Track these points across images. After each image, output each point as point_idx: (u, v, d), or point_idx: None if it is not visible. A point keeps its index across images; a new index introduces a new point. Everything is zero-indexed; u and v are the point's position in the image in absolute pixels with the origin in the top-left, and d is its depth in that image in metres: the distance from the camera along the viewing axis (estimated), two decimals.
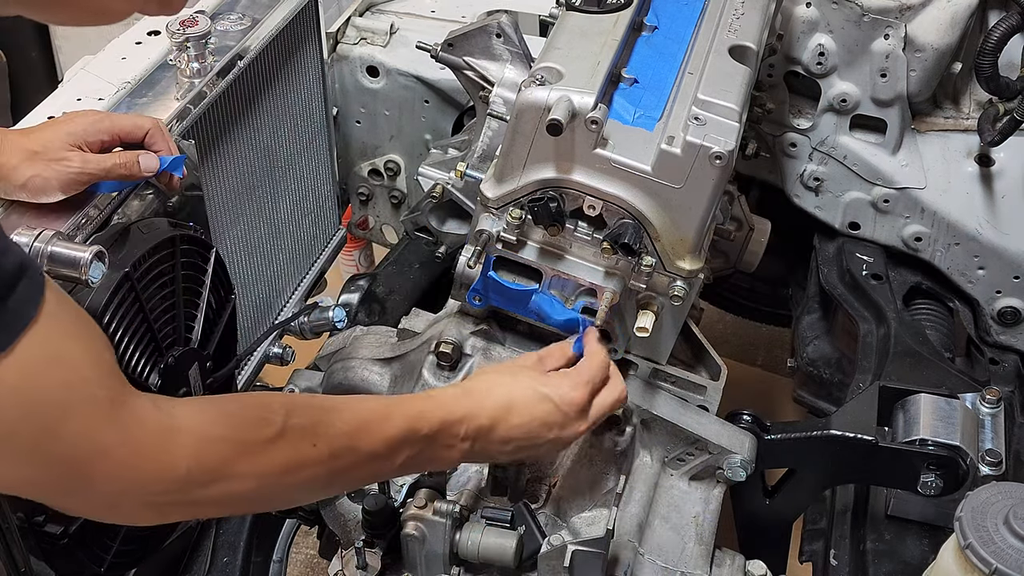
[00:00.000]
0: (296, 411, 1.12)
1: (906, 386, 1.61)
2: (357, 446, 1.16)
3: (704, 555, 1.50)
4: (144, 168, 1.39)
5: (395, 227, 2.38)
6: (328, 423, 1.14)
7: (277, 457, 1.08)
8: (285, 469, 1.09)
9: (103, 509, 1.03)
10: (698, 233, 1.38)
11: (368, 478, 1.27)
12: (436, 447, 1.24)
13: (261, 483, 1.07)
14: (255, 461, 1.06)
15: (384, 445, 1.18)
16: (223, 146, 1.70)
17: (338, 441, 1.14)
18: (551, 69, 1.37)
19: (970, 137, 1.94)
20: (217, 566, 1.55)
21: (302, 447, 1.10)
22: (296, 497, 1.21)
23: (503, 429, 1.30)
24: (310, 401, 1.28)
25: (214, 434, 1.04)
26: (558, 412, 1.32)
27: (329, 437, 1.13)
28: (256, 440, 1.07)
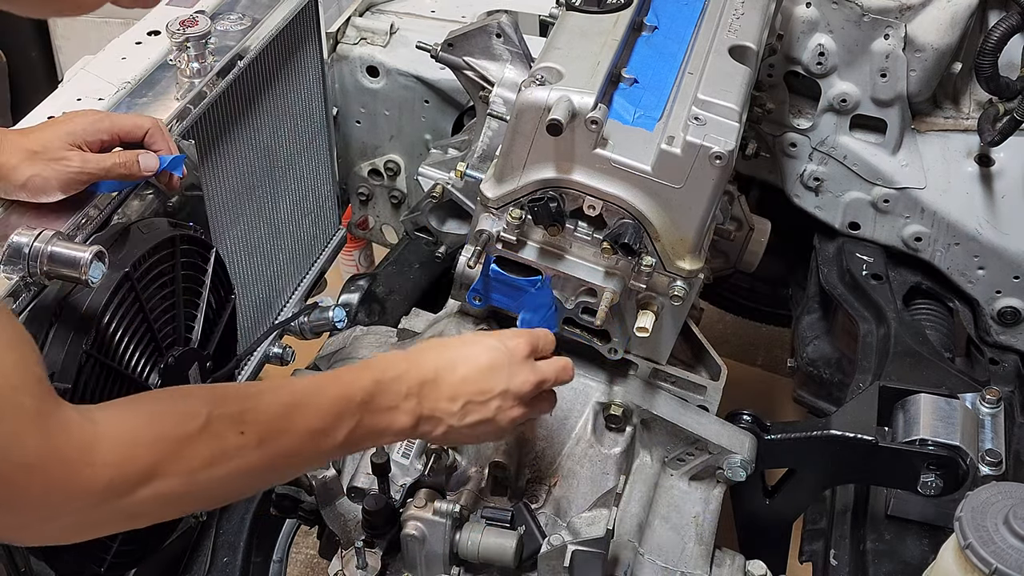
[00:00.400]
0: (221, 401, 1.10)
1: (906, 386, 1.61)
2: (290, 427, 1.14)
3: (704, 555, 1.50)
4: (144, 168, 1.39)
5: (395, 227, 2.38)
6: (255, 409, 1.12)
7: (202, 451, 1.05)
8: (212, 461, 1.06)
9: (36, 525, 0.99)
10: (698, 233, 1.38)
11: (312, 458, 1.22)
12: (379, 412, 1.22)
13: (190, 480, 1.05)
14: (180, 458, 1.04)
15: (319, 420, 1.16)
16: (223, 146, 1.70)
17: (268, 425, 1.12)
18: (551, 69, 1.37)
19: (970, 137, 1.94)
20: (217, 566, 1.55)
21: (228, 437, 1.08)
22: (235, 488, 1.16)
23: (449, 383, 1.27)
24: (237, 389, 1.23)
25: (134, 438, 1.02)
26: (504, 352, 1.29)
27: (258, 423, 1.11)
28: (178, 437, 1.04)
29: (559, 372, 1.35)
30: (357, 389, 1.20)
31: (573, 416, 1.52)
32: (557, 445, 1.51)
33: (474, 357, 1.29)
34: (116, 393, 1.39)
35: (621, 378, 1.55)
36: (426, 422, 1.26)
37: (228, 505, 1.60)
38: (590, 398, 1.52)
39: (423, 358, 1.28)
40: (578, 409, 1.52)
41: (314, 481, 1.42)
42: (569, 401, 1.52)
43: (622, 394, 1.53)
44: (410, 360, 1.27)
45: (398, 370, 1.25)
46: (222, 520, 1.58)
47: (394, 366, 1.25)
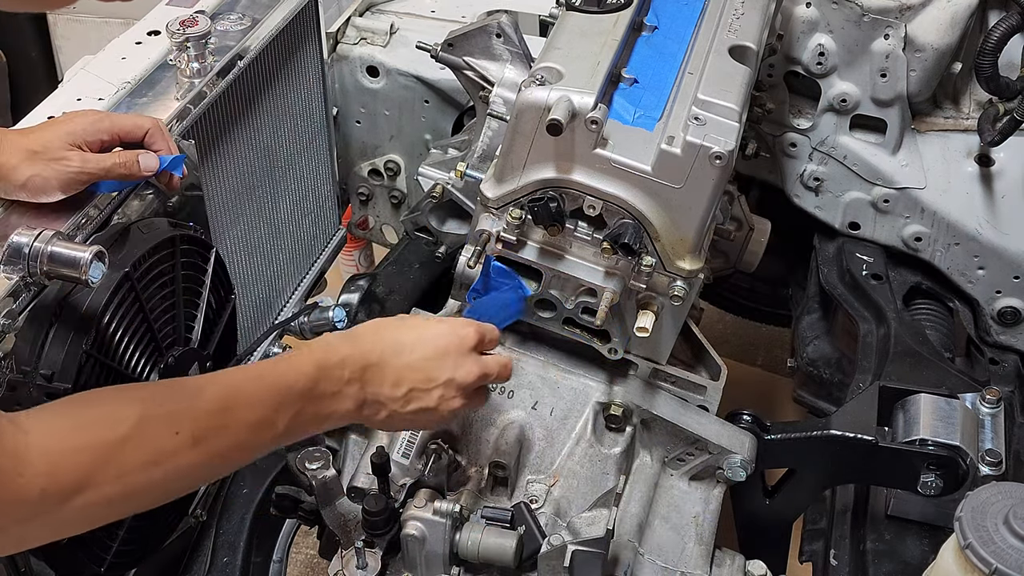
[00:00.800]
0: (152, 400, 1.08)
1: (906, 386, 1.61)
2: (228, 423, 1.12)
3: (704, 555, 1.50)
4: (144, 167, 1.39)
5: (395, 227, 2.38)
6: (189, 407, 1.10)
7: (135, 455, 1.03)
8: (147, 465, 1.04)
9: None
10: (698, 233, 1.38)
11: (255, 450, 1.20)
12: (321, 399, 1.20)
13: (125, 485, 1.03)
14: (112, 464, 1.02)
15: (259, 412, 1.14)
16: (223, 146, 1.70)
17: (203, 422, 1.09)
18: (551, 69, 1.37)
19: (970, 137, 1.94)
20: (217, 566, 1.54)
21: (162, 438, 1.06)
22: (176, 488, 1.14)
23: (394, 368, 1.25)
24: (170, 386, 1.20)
25: (65, 445, 1.00)
26: (453, 341, 1.29)
27: (192, 420, 1.09)
28: (108, 442, 1.02)
29: (501, 369, 1.36)
30: (298, 376, 1.18)
31: (573, 416, 1.52)
32: (557, 445, 1.51)
33: (421, 343, 1.28)
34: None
35: (621, 378, 1.55)
36: (368, 406, 1.25)
37: (228, 505, 1.60)
38: (590, 398, 1.52)
39: (368, 341, 1.26)
40: (578, 409, 1.52)
41: (314, 481, 1.42)
42: (569, 401, 1.52)
43: (622, 394, 1.53)
44: (354, 343, 1.25)
45: (341, 354, 1.23)
46: (222, 520, 1.59)
47: (337, 350, 1.23)
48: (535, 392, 1.52)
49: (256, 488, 1.61)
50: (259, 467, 1.64)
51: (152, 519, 1.49)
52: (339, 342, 1.26)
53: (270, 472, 1.63)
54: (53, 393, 1.27)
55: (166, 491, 1.12)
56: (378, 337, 1.28)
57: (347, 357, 1.23)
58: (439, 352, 1.28)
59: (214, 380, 1.17)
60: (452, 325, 1.32)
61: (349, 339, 1.27)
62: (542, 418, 1.51)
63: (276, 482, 1.59)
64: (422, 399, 1.28)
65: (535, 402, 1.52)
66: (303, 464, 1.42)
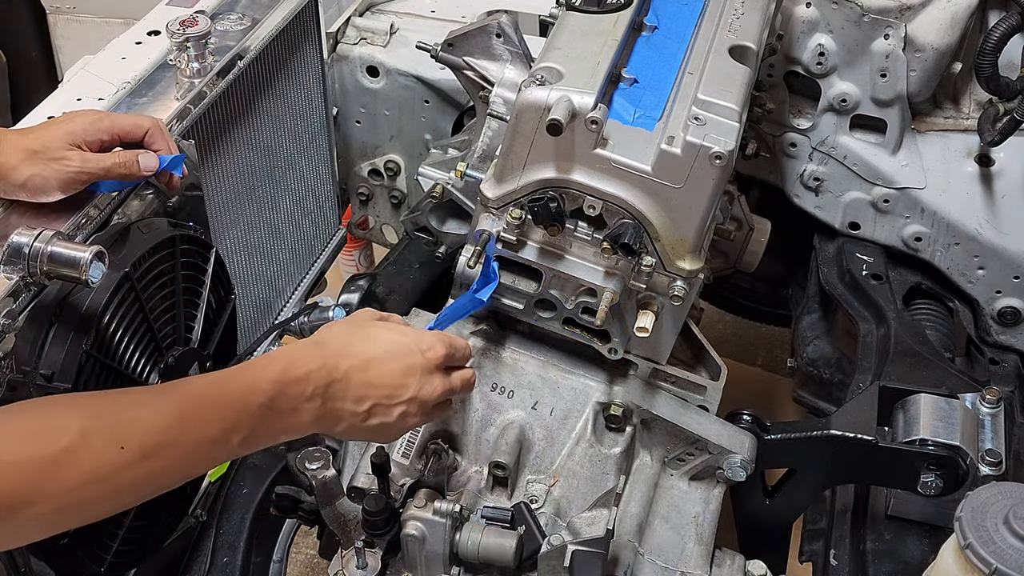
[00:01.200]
0: (97, 412, 1.04)
1: (906, 386, 1.61)
2: (178, 439, 1.07)
3: (704, 555, 1.50)
4: (144, 167, 1.39)
5: (395, 227, 2.38)
6: (136, 420, 1.05)
7: (77, 470, 0.99)
8: (91, 479, 1.00)
9: None
10: (698, 233, 1.38)
11: (206, 465, 1.15)
12: (278, 414, 1.15)
13: (70, 499, 0.99)
14: (53, 480, 0.97)
15: (212, 429, 1.09)
16: (223, 146, 1.71)
17: (151, 438, 1.04)
18: (551, 69, 1.37)
19: (970, 137, 1.94)
20: (217, 566, 1.54)
21: (107, 453, 1.01)
22: (121, 502, 1.08)
23: (358, 384, 1.22)
24: (117, 399, 1.13)
25: (5, 459, 0.96)
26: (419, 359, 1.26)
27: (139, 436, 1.03)
28: (49, 457, 0.97)
29: (465, 384, 1.35)
30: (256, 394, 1.13)
31: (573, 416, 1.52)
32: (557, 445, 1.51)
33: (388, 360, 1.25)
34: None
35: (621, 378, 1.55)
36: (327, 419, 1.22)
37: (228, 505, 1.60)
38: (590, 398, 1.52)
39: (335, 354, 1.22)
40: (578, 409, 1.52)
41: (314, 481, 1.42)
42: (569, 401, 1.52)
43: (622, 394, 1.53)
44: (321, 356, 1.21)
45: (306, 368, 1.18)
46: (222, 520, 1.59)
47: (302, 363, 1.18)
48: (535, 392, 1.52)
49: (256, 488, 1.61)
50: (259, 467, 1.64)
51: (152, 519, 1.49)
52: (305, 354, 1.21)
53: (270, 472, 1.63)
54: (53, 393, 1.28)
55: (112, 506, 1.07)
56: (346, 350, 1.23)
57: (312, 373, 1.19)
58: (406, 370, 1.26)
59: (168, 391, 1.13)
60: (419, 341, 1.29)
61: (316, 349, 1.22)
62: (542, 418, 1.51)
63: (276, 482, 1.59)
64: (383, 415, 1.26)
65: (535, 402, 1.52)
66: (303, 464, 1.42)
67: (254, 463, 1.65)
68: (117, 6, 2.90)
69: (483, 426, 1.50)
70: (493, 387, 1.52)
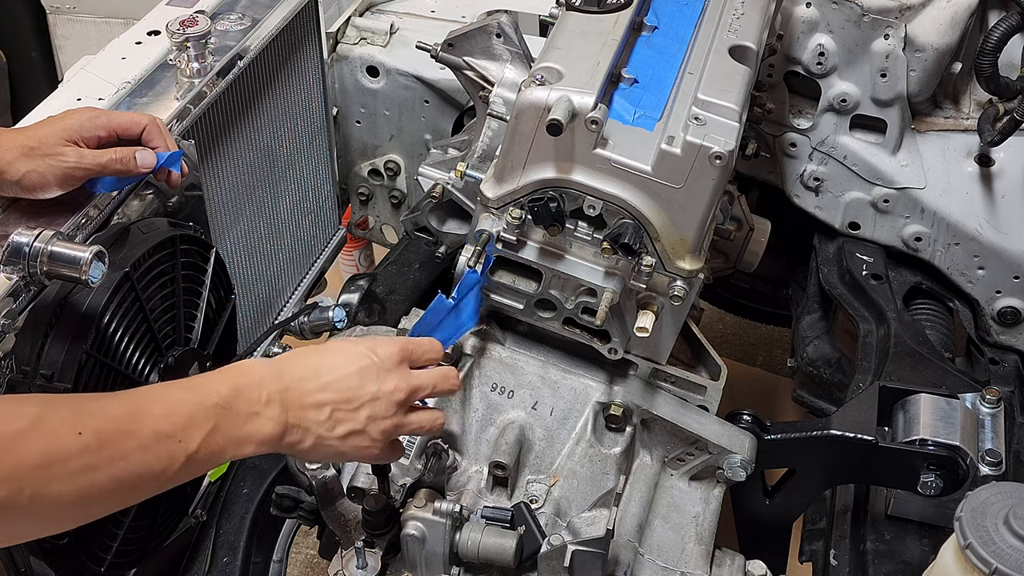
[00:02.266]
0: (56, 401, 1.02)
1: (906, 386, 1.61)
2: (134, 429, 1.03)
3: (704, 555, 1.50)
4: (141, 164, 1.38)
5: (395, 227, 2.38)
6: (97, 409, 1.03)
7: (31, 449, 0.96)
8: (43, 463, 0.96)
9: None
10: (698, 233, 1.38)
11: (166, 471, 1.07)
12: (238, 417, 1.12)
13: (23, 484, 0.95)
14: (10, 457, 0.94)
15: (167, 422, 1.06)
16: (223, 146, 1.71)
17: (109, 425, 1.02)
18: (551, 69, 1.37)
19: (970, 137, 1.94)
20: (217, 566, 1.55)
21: (62, 435, 0.98)
22: (80, 493, 1.01)
23: (313, 389, 1.18)
24: (74, 396, 1.11)
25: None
26: (372, 359, 1.22)
27: (96, 421, 1.01)
28: (6, 434, 0.95)
29: (438, 380, 1.27)
30: (211, 392, 1.11)
31: (573, 416, 1.52)
32: (557, 445, 1.51)
33: (340, 365, 1.21)
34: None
35: (621, 378, 1.55)
36: (293, 431, 1.17)
37: (228, 505, 1.60)
38: (590, 398, 1.52)
39: (286, 364, 1.19)
40: (578, 409, 1.52)
41: (314, 481, 1.42)
42: (569, 401, 1.52)
43: (622, 394, 1.53)
44: (272, 367, 1.18)
45: (257, 374, 1.16)
46: (222, 520, 1.59)
47: (254, 371, 1.16)
48: (535, 392, 1.52)
49: (256, 488, 1.61)
50: (259, 467, 1.64)
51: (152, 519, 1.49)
52: (257, 365, 1.18)
53: (270, 472, 1.63)
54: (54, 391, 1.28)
55: (69, 497, 1.00)
56: (298, 361, 1.21)
57: (264, 377, 1.16)
58: (360, 371, 1.22)
59: (129, 391, 1.11)
60: (372, 344, 1.25)
61: (268, 363, 1.20)
62: (542, 418, 1.51)
63: (276, 482, 1.60)
64: (348, 421, 1.20)
65: (535, 402, 1.52)
66: (303, 464, 1.42)
67: (254, 463, 1.65)
68: (117, 6, 2.90)
69: (483, 426, 1.50)
70: (493, 387, 1.52)
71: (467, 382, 1.50)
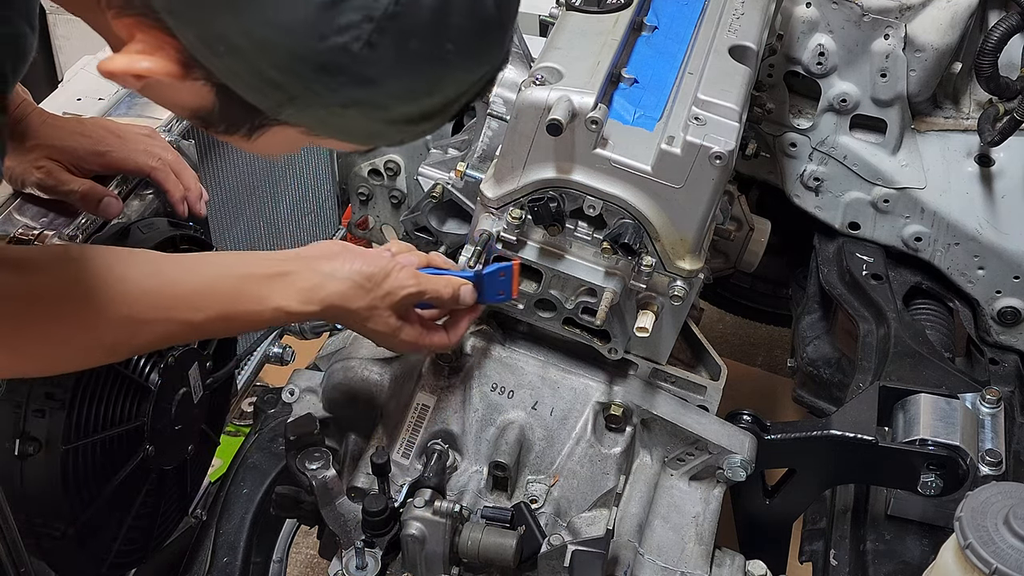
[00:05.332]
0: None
1: (906, 386, 1.61)
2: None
3: (704, 555, 1.50)
4: (102, 209, 1.42)
5: (395, 227, 2.38)
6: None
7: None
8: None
9: None
10: (698, 233, 1.38)
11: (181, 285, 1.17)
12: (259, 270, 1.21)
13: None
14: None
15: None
16: (223, 146, 1.71)
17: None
18: (551, 69, 1.37)
19: (970, 137, 1.94)
20: (217, 566, 1.55)
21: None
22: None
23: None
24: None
25: None
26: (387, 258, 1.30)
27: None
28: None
29: (444, 286, 1.33)
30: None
31: (573, 416, 1.52)
32: (557, 445, 1.51)
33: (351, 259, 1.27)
34: (117, 394, 1.39)
35: (621, 378, 1.55)
36: (301, 285, 1.23)
37: (228, 505, 1.60)
38: (590, 398, 1.52)
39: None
40: (578, 409, 1.52)
41: (314, 481, 1.42)
42: (569, 401, 1.52)
43: (622, 394, 1.53)
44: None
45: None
46: (222, 520, 1.59)
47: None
48: (535, 392, 1.52)
49: (256, 488, 1.61)
50: (259, 467, 1.64)
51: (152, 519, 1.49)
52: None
53: (270, 472, 1.63)
54: (52, 394, 1.28)
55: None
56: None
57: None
58: (368, 260, 1.28)
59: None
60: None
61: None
62: (542, 418, 1.51)
63: (276, 482, 1.59)
64: (367, 271, 1.27)
65: (535, 402, 1.52)
66: (303, 464, 1.42)
67: (254, 463, 1.65)
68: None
69: (483, 426, 1.50)
70: (493, 387, 1.52)
71: (467, 382, 1.50)
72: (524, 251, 1.45)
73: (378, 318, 1.29)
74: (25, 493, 1.29)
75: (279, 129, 0.97)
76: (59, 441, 1.29)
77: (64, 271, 1.09)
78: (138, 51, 0.91)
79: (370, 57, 0.88)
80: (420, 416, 1.48)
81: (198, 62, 0.90)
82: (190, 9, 0.87)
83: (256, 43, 0.88)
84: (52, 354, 1.11)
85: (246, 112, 0.95)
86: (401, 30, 0.88)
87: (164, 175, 1.47)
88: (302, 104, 0.92)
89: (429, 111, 0.97)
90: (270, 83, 0.90)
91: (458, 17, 0.91)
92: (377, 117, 0.95)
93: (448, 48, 0.92)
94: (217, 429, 1.73)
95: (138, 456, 1.45)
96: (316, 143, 1.03)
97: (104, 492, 1.40)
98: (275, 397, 1.67)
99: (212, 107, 0.96)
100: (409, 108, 0.95)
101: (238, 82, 0.91)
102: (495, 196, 1.42)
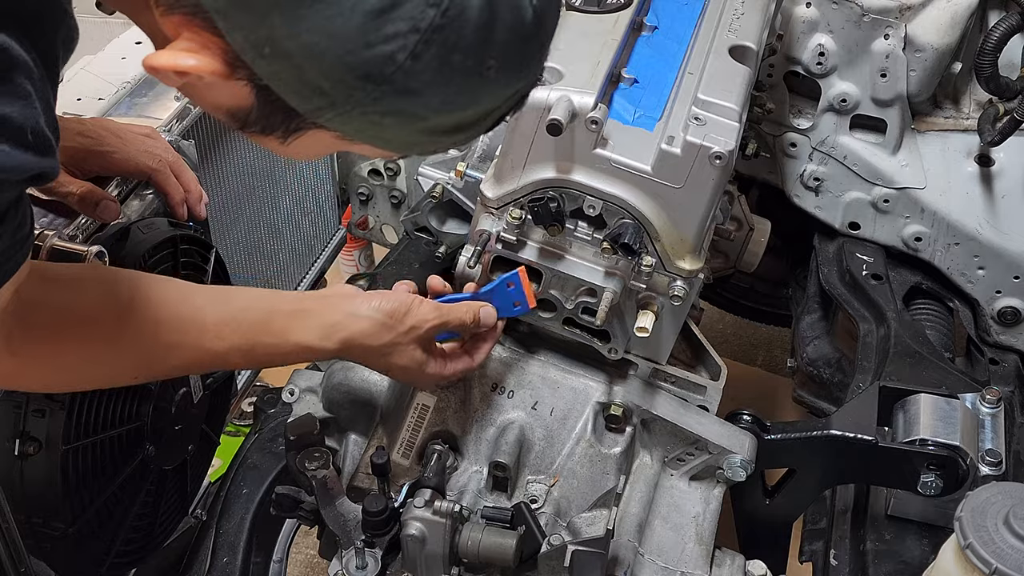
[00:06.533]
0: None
1: (906, 386, 1.61)
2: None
3: (704, 555, 1.50)
4: (98, 213, 1.41)
5: (395, 227, 2.38)
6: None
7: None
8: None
9: None
10: (698, 233, 1.38)
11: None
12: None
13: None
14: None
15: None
16: (223, 146, 1.71)
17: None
18: (551, 69, 1.37)
19: (970, 137, 1.94)
20: (217, 566, 1.54)
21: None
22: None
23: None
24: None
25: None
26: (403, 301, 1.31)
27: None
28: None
29: (465, 312, 1.36)
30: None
31: (573, 416, 1.51)
32: (557, 445, 1.51)
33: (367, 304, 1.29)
34: (117, 394, 1.39)
35: (621, 378, 1.55)
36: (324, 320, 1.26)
37: (228, 505, 1.60)
38: (590, 398, 1.52)
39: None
40: (578, 409, 1.52)
41: (314, 481, 1.42)
42: (569, 401, 1.52)
43: (622, 394, 1.53)
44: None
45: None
46: (222, 520, 1.58)
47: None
48: (535, 392, 1.52)
49: (256, 488, 1.61)
50: (259, 467, 1.64)
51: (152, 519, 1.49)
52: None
53: (270, 472, 1.63)
54: (52, 395, 1.28)
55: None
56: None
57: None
58: (387, 305, 1.29)
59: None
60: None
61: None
62: (542, 418, 1.51)
63: (276, 482, 1.59)
64: (391, 313, 1.28)
65: (535, 402, 1.52)
66: (303, 464, 1.42)
67: (254, 463, 1.65)
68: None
69: (483, 426, 1.50)
70: (493, 387, 1.52)
71: (467, 382, 1.50)
72: (524, 251, 1.45)
73: (402, 353, 1.31)
74: (25, 493, 1.29)
75: (314, 133, 0.98)
76: (59, 441, 1.29)
77: (100, 292, 1.11)
78: (184, 48, 0.91)
79: (413, 68, 0.89)
80: (420, 416, 1.48)
81: (243, 63, 0.91)
82: (240, 11, 0.88)
83: (304, 47, 0.88)
84: (83, 372, 1.13)
85: (284, 115, 0.95)
86: (445, 43, 0.89)
87: (164, 177, 1.47)
88: (342, 110, 0.93)
89: (465, 123, 0.99)
90: (314, 88, 0.91)
91: (501, 33, 0.93)
92: (414, 127, 0.96)
93: (490, 63, 0.94)
94: (217, 429, 1.73)
95: (138, 456, 1.46)
96: (349, 148, 1.03)
97: (104, 492, 1.40)
98: (275, 397, 1.67)
99: (251, 108, 0.96)
100: (446, 120, 0.96)
101: (281, 85, 0.92)
102: (495, 196, 1.42)
